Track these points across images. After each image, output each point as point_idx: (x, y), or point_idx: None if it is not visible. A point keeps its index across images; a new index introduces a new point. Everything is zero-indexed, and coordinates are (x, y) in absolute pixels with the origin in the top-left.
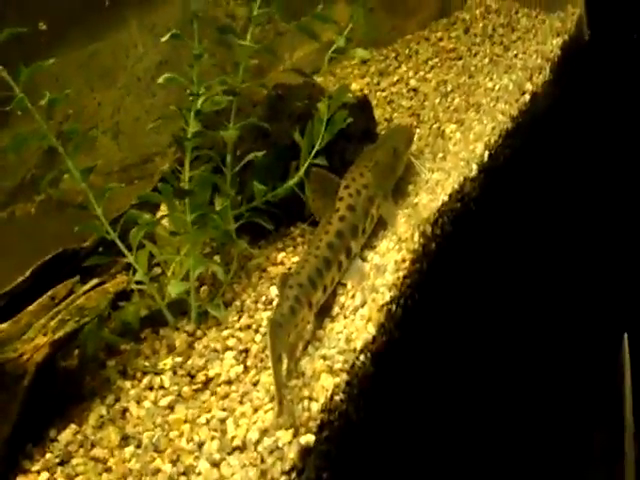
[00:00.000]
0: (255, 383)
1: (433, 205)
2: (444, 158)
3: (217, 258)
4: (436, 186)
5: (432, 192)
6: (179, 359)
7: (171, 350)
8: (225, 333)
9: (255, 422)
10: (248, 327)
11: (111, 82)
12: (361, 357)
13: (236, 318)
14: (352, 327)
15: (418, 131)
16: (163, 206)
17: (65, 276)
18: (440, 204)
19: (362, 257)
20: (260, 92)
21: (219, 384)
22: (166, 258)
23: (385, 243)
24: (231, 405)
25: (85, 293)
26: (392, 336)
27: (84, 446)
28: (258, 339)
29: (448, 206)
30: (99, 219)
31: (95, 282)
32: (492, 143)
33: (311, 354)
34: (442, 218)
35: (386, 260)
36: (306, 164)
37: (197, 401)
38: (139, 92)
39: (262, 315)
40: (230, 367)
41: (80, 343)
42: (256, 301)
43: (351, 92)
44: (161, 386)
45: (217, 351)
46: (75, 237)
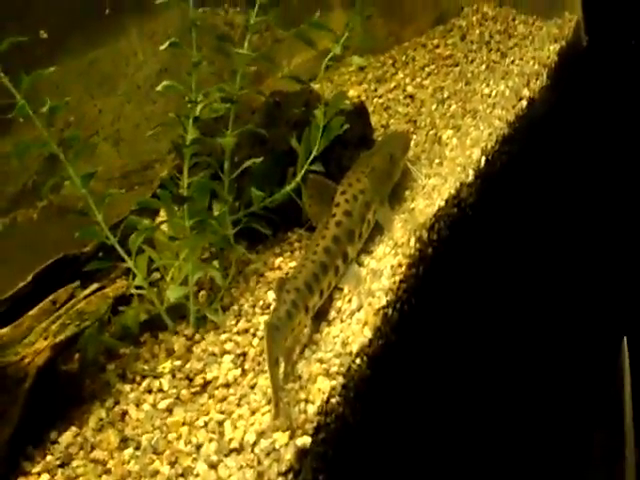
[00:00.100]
0: (253, 386)
1: (429, 210)
2: (441, 164)
3: (215, 263)
4: (432, 191)
5: (428, 197)
6: (178, 363)
7: (170, 354)
8: (223, 337)
9: (252, 424)
10: (246, 331)
11: (111, 89)
12: (357, 360)
13: (234, 322)
14: (348, 331)
15: (415, 137)
16: (162, 212)
17: (66, 281)
18: (436, 209)
19: (359, 262)
20: (258, 99)
21: (217, 387)
22: (165, 263)
23: (381, 248)
24: (229, 408)
25: (85, 298)
26: (388, 340)
27: (84, 448)
28: (256, 343)
29: (444, 211)
30: (99, 225)
31: (95, 287)
32: (489, 149)
33: (308, 357)
34: (438, 223)
35: (382, 265)
36: (303, 170)
37: (195, 404)
38: (139, 99)
39: (259, 319)
40: (228, 370)
41: (80, 347)
42: (254, 305)
43: (348, 99)
44: (160, 389)
45: (215, 355)
46: (76, 242)
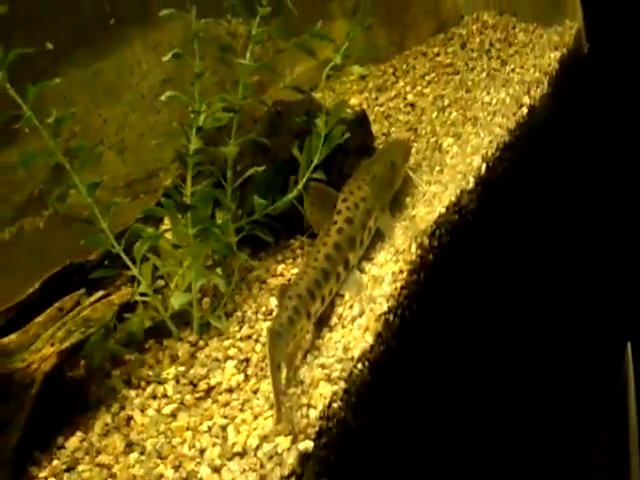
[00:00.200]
0: (255, 391)
1: (430, 217)
2: (441, 171)
3: (218, 270)
4: (433, 198)
5: (429, 204)
6: (182, 368)
7: (174, 360)
8: (226, 343)
9: (255, 429)
10: (249, 337)
11: (116, 99)
12: (359, 366)
13: (237, 328)
14: (350, 336)
15: (415, 145)
16: (166, 220)
17: (72, 288)
18: (437, 216)
19: (360, 268)
20: (260, 108)
21: (220, 392)
22: (169, 270)
23: (383, 255)
24: (232, 412)
25: (91, 305)
26: (389, 345)
27: (90, 453)
28: (258, 349)
29: (445, 218)
30: (105, 233)
31: (101, 294)
32: (489, 156)
33: (310, 363)
34: (439, 230)
35: (384, 271)
36: (305, 178)
37: (199, 409)
38: (143, 109)
39: (262, 325)
40: (231, 376)
41: (86, 353)
42: (256, 312)
43: (349, 107)
44: (164, 395)
45: (219, 360)
46: (81, 250)
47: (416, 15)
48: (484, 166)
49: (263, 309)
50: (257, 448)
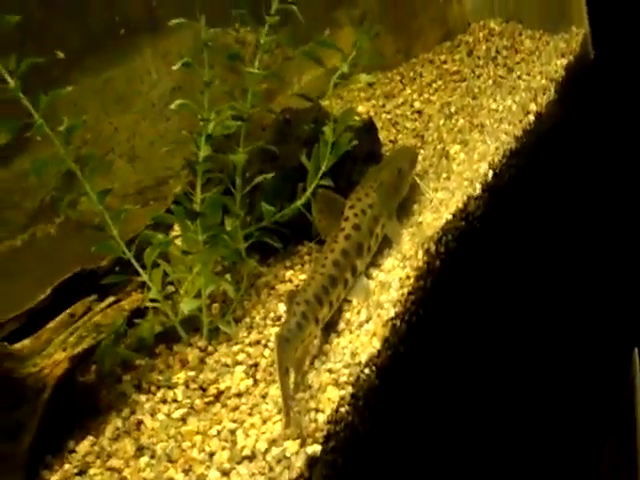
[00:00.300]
0: (264, 396)
1: (437, 224)
2: (448, 178)
3: (228, 276)
4: (440, 205)
5: (436, 211)
6: (192, 373)
7: (184, 365)
8: (235, 348)
9: (264, 433)
10: (257, 342)
11: (126, 108)
12: (366, 370)
13: (246, 334)
14: (357, 342)
15: (422, 152)
16: (176, 227)
17: (83, 294)
18: (444, 223)
19: (367, 274)
20: (268, 116)
21: (229, 397)
22: (179, 277)
23: (390, 261)
24: (241, 417)
25: (102, 310)
26: (397, 350)
27: (101, 457)
28: (267, 354)
29: (452, 224)
30: (115, 239)
31: (111, 300)
32: (496, 163)
33: (317, 368)
34: (446, 236)
35: (391, 277)
36: (313, 185)
37: (208, 413)
38: (153, 117)
39: (271, 331)
40: (240, 381)
41: (97, 358)
42: (265, 317)
43: (357, 115)
44: (174, 399)
45: (228, 365)
46: (93, 257)
47: (423, 23)
48: (491, 173)
49: (272, 315)
50: (266, 452)
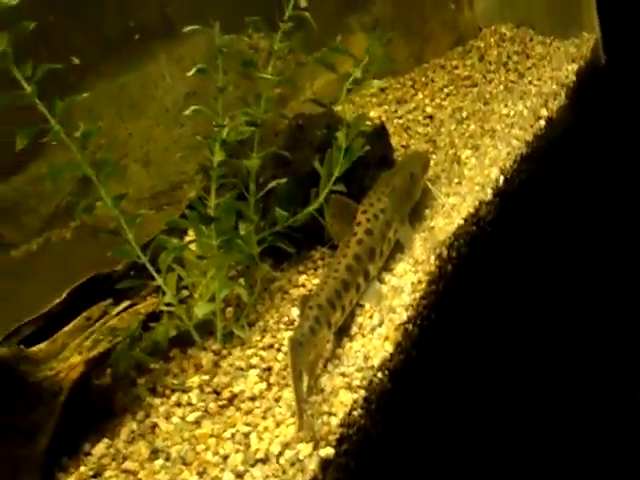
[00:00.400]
0: (277, 399)
1: (449, 228)
2: (460, 183)
3: (242, 281)
4: (452, 210)
5: (448, 216)
6: (206, 377)
7: (198, 368)
8: (249, 352)
9: (277, 436)
10: (271, 346)
11: (141, 113)
12: (379, 374)
13: (259, 338)
14: (370, 346)
15: (434, 157)
16: (191, 231)
17: (99, 298)
18: (456, 227)
19: (380, 279)
20: (282, 122)
21: (243, 400)
22: (193, 281)
23: (402, 265)
24: (255, 420)
25: (117, 314)
26: (409, 354)
27: (116, 459)
28: (280, 358)
29: (463, 229)
30: (130, 244)
31: (127, 304)
32: (507, 168)
33: (330, 371)
34: (458, 241)
35: (403, 282)
36: (326, 191)
37: (222, 416)
38: (168, 123)
39: (284, 335)
40: (254, 384)
41: (112, 362)
42: (278, 321)
43: (370, 120)
44: (189, 403)
45: (242, 369)
46: (108, 261)
47: (434, 28)
48: (502, 178)
49: (285, 319)
50: (279, 455)
